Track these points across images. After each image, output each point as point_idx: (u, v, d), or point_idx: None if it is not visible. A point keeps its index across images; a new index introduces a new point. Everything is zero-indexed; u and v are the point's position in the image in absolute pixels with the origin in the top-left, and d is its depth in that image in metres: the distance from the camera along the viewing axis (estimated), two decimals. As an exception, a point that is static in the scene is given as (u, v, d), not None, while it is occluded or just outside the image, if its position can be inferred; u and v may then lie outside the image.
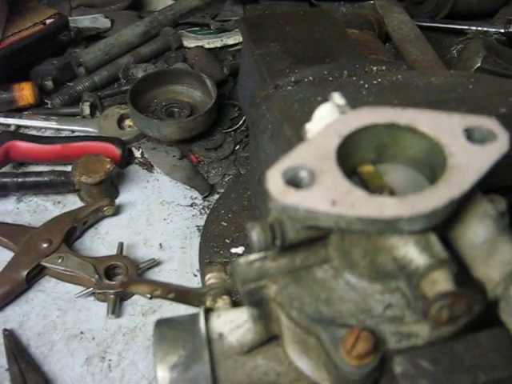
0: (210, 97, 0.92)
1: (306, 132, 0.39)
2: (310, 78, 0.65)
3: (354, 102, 0.44)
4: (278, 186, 0.31)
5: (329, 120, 0.37)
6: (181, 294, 0.43)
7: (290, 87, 0.64)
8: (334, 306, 0.35)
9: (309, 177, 0.32)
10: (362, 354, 0.31)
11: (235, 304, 0.47)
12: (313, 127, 0.38)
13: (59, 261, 0.75)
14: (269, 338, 0.40)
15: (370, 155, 0.37)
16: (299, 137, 0.40)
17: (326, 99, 0.41)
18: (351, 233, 0.34)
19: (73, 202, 0.85)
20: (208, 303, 0.45)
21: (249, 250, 0.73)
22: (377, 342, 0.32)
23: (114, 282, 0.73)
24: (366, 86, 0.60)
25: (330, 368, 0.34)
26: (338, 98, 0.38)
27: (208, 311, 0.42)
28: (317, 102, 0.55)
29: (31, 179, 0.82)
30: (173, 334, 0.40)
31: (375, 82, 0.61)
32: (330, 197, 0.31)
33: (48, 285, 0.77)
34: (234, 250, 0.74)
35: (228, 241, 0.75)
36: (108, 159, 0.82)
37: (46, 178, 0.82)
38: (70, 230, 0.78)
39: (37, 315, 0.73)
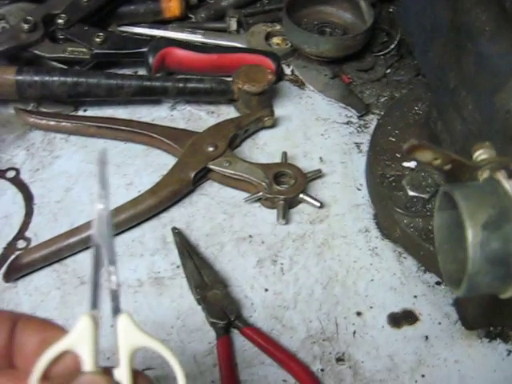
0: (361, 19, 0.90)
1: None
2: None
3: None
4: None
5: None
6: (457, 167, 0.42)
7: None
8: None
9: None
10: None
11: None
12: None
13: (227, 164, 0.74)
14: None
15: None
16: None
17: None
18: None
19: (226, 113, 0.84)
20: (484, 177, 0.43)
21: (421, 165, 0.71)
22: None
23: (283, 188, 0.72)
24: None
25: None
26: None
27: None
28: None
29: (192, 85, 0.81)
30: (476, 196, 0.39)
31: None
32: None
33: (211, 189, 0.76)
34: (405, 164, 0.72)
35: (398, 155, 0.73)
36: (269, 70, 0.81)
37: (207, 85, 0.81)
38: (233, 137, 0.77)
39: (203, 217, 0.73)
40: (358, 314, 0.65)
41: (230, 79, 0.81)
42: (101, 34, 0.83)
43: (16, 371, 0.37)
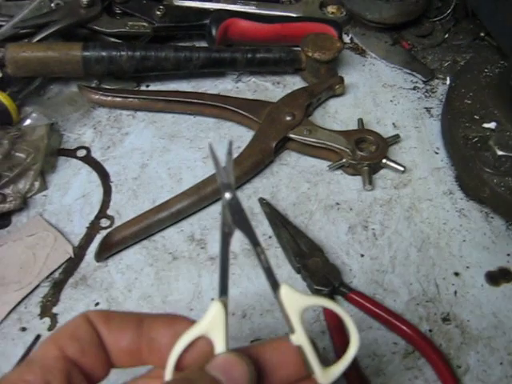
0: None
1: None
2: None
3: None
4: None
5: None
6: None
7: None
8: None
9: None
10: None
11: None
12: None
13: (307, 133, 0.73)
14: None
15: None
16: None
17: None
18: None
19: (292, 83, 0.84)
20: None
21: (501, 125, 0.72)
22: None
23: (367, 154, 0.72)
24: None
25: None
26: None
27: None
28: None
29: (260, 55, 0.80)
30: None
31: None
32: None
33: (290, 159, 0.75)
34: (486, 125, 0.72)
35: (477, 117, 0.73)
36: (336, 38, 0.80)
37: (275, 55, 0.80)
38: (308, 106, 0.77)
39: (286, 187, 0.72)
40: (456, 274, 0.65)
41: (297, 48, 0.80)
42: (161, 7, 0.81)
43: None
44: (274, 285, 0.38)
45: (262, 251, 0.38)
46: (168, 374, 0.35)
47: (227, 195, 0.37)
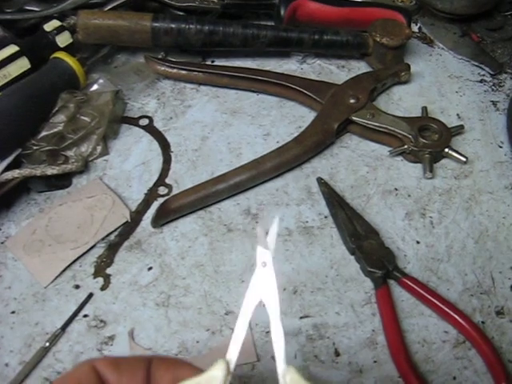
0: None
1: None
2: None
3: None
4: None
5: None
6: None
7: None
8: None
9: None
10: None
11: None
12: None
13: (370, 117, 0.73)
14: None
15: None
16: None
17: None
18: None
19: (357, 68, 0.83)
20: None
21: None
22: None
23: (430, 142, 0.71)
24: None
25: None
26: None
27: None
28: None
29: (328, 37, 0.79)
30: None
31: None
32: None
33: (351, 142, 0.75)
34: (554, 122, 0.70)
35: (545, 112, 0.72)
36: (405, 25, 0.79)
37: (343, 38, 0.79)
38: (372, 90, 0.76)
39: (345, 169, 0.72)
40: (513, 269, 0.64)
41: (365, 33, 0.79)
42: (232, -17, 0.82)
43: None
44: (281, 367, 0.36)
45: (279, 329, 0.36)
46: None
47: (261, 272, 0.37)
